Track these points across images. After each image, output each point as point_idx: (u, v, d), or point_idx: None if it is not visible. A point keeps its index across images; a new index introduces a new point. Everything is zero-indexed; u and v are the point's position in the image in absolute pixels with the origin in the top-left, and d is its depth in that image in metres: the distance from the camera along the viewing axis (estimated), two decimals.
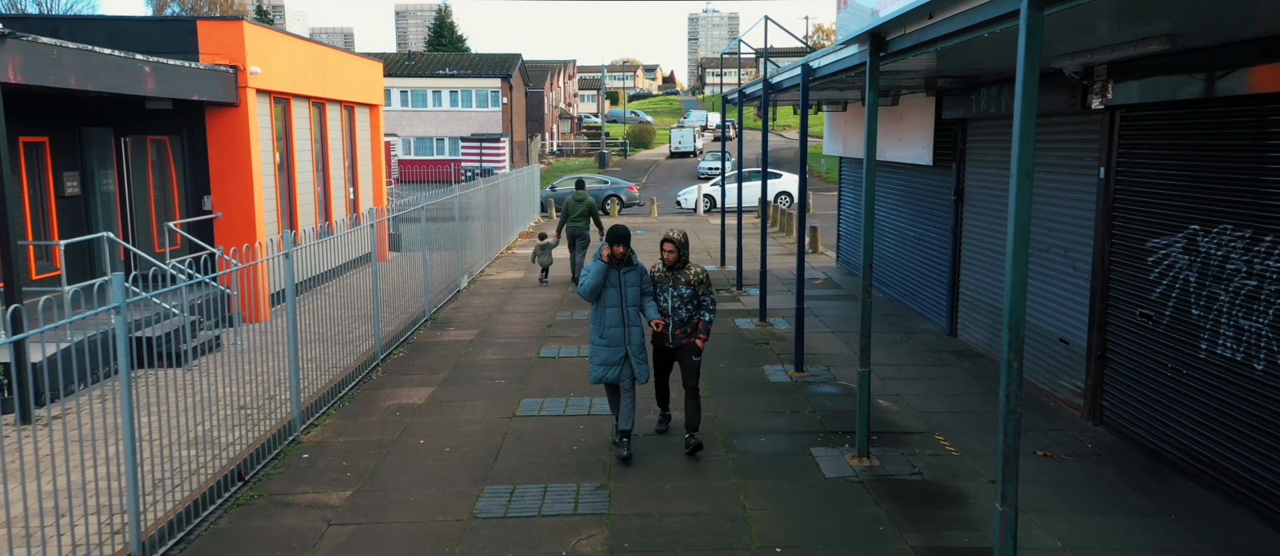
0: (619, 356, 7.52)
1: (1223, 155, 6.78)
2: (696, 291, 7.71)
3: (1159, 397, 7.57)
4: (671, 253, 7.67)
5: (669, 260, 7.69)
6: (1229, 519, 6.42)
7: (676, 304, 7.69)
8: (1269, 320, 6.31)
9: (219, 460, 7.51)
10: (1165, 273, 7.50)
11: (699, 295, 7.72)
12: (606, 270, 7.45)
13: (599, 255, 7.48)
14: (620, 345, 7.52)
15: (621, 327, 7.52)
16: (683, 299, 7.67)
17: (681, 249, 7.69)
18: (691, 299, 7.70)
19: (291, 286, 8.49)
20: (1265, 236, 6.33)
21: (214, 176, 13.55)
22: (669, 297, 7.69)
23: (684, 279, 7.70)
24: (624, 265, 7.54)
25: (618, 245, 7.43)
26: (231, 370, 9.89)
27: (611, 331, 7.52)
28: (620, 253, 7.43)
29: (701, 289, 7.72)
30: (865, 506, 6.74)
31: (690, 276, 7.71)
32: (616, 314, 7.51)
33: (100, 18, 14.81)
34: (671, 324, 7.70)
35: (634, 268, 7.60)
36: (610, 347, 7.53)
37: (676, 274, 7.71)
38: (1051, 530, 6.28)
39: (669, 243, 7.68)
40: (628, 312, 7.54)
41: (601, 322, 7.54)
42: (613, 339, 7.53)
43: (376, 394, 9.95)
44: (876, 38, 7.14)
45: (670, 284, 7.70)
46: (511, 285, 17.20)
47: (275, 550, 6.15)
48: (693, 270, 7.73)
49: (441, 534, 6.37)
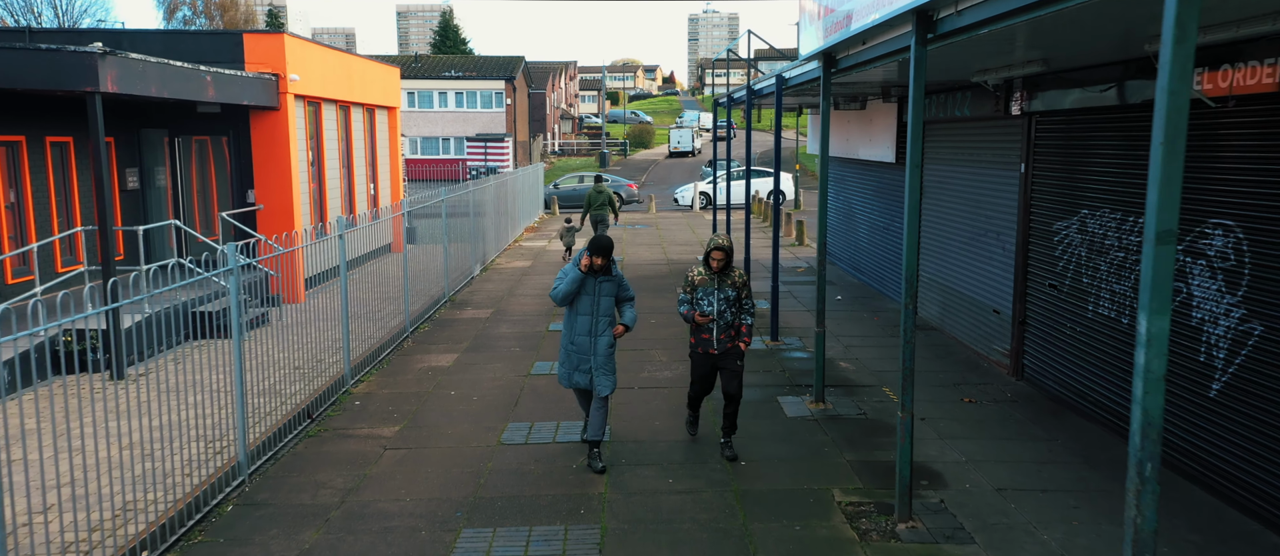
0: (586, 364, 7.46)
1: (1102, 152, 8.41)
2: (741, 294, 7.66)
3: (1061, 353, 9.21)
4: (720, 260, 7.57)
5: (717, 265, 7.58)
6: (1101, 441, 8.05)
7: (722, 306, 7.62)
8: (1131, 283, 7.96)
9: (285, 406, 9.14)
10: (1066, 250, 9.14)
11: (742, 299, 7.69)
12: (583, 278, 7.35)
13: (577, 262, 7.39)
14: (588, 353, 7.46)
15: (589, 337, 7.44)
16: (728, 301, 7.62)
17: (729, 254, 7.61)
18: (736, 302, 7.65)
19: (344, 262, 10.14)
20: (1130, 217, 7.97)
21: (257, 172, 15.19)
22: (714, 300, 7.62)
23: (729, 282, 7.65)
24: (602, 274, 7.45)
25: (598, 256, 7.33)
26: (282, 340, 11.51)
27: (581, 339, 7.45)
28: (600, 264, 7.33)
29: (745, 292, 7.69)
30: (815, 435, 8.38)
31: (735, 279, 7.66)
32: (587, 322, 7.43)
33: (159, 32, 16.45)
34: (717, 327, 7.62)
35: (612, 278, 7.49)
36: (579, 355, 7.47)
37: (723, 278, 7.65)
38: (961, 450, 7.91)
39: (718, 250, 7.55)
40: (598, 322, 7.45)
41: (572, 330, 7.47)
42: (582, 347, 7.46)
43: (409, 359, 11.58)
44: (828, 56, 8.77)
45: (716, 288, 7.63)
46: (520, 272, 18.83)
47: (345, 465, 7.79)
48: (737, 273, 7.69)
49: (476, 454, 8.01)
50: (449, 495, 7.08)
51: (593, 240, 7.35)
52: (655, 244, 23.38)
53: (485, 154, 49.73)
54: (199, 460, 7.54)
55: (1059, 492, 6.95)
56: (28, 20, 55.43)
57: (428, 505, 6.90)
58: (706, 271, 7.65)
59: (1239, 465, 6.56)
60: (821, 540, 6.22)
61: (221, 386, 9.52)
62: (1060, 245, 9.27)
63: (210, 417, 8.62)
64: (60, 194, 12.97)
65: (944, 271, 12.72)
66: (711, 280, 7.63)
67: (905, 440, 6.35)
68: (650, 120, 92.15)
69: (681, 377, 10.30)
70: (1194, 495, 6.90)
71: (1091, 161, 8.62)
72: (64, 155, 13.00)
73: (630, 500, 6.92)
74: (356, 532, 6.43)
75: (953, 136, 12.36)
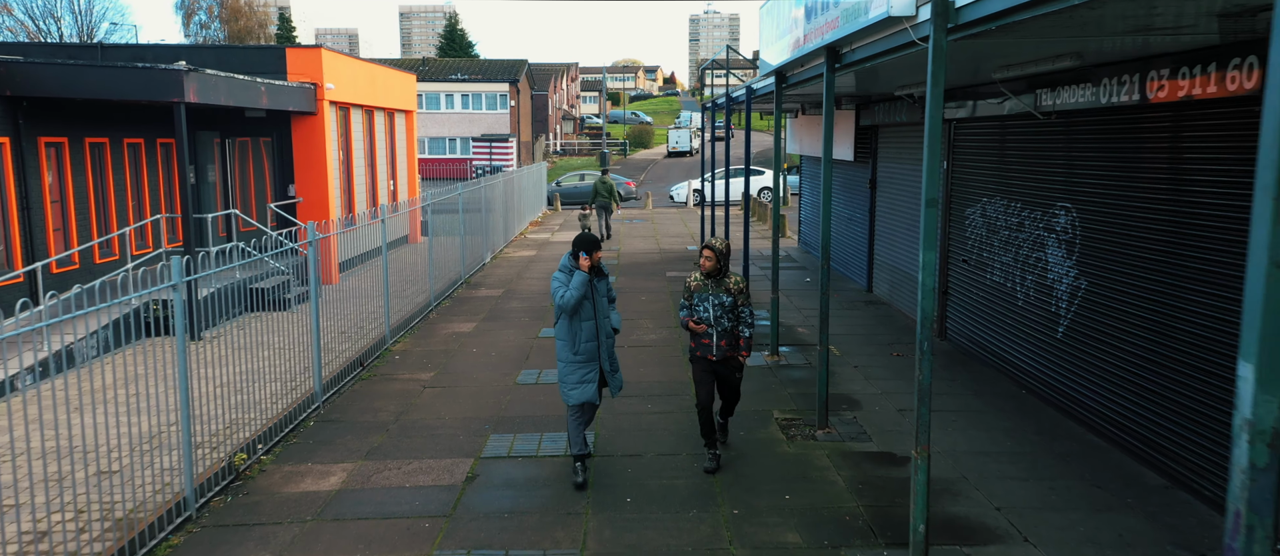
0: (594, 371, 7.24)
1: (991, 152, 10.53)
2: (737, 300, 7.42)
3: (971, 315, 11.33)
4: (710, 260, 7.34)
5: (707, 267, 7.37)
6: (992, 380, 10.16)
7: (718, 313, 7.35)
8: (1011, 256, 10.08)
9: (337, 360, 11.25)
10: (972, 231, 11.26)
11: (738, 306, 7.45)
12: (589, 279, 7.15)
13: (566, 266, 7.21)
14: (595, 359, 7.24)
15: (596, 341, 7.24)
16: (724, 308, 7.36)
17: (721, 256, 7.36)
18: (732, 309, 7.41)
19: (385, 242, 12.27)
20: (1014, 203, 10.09)
21: (297, 169, 17.32)
22: (709, 306, 7.35)
23: (723, 287, 7.41)
24: (598, 274, 7.29)
25: (595, 251, 7.18)
26: (327, 312, 13.66)
27: (587, 346, 7.19)
28: (598, 259, 7.24)
29: (741, 299, 7.45)
30: (767, 377, 10.50)
31: (730, 284, 7.43)
32: (592, 327, 7.21)
33: (212, 47, 18.55)
34: (716, 333, 7.36)
35: (604, 276, 7.36)
36: (587, 364, 7.21)
37: (717, 282, 7.42)
38: (880, 387, 10.03)
39: (708, 250, 7.35)
40: (602, 324, 7.27)
41: (576, 338, 7.18)
42: (589, 353, 7.21)
43: (435, 327, 13.71)
44: (780, 75, 10.90)
45: (710, 293, 7.39)
46: (527, 260, 20.96)
47: (394, 398, 9.92)
48: (733, 278, 7.46)
49: (496, 390, 10.14)
50: (477, 415, 9.22)
51: (578, 238, 7.17)
52: (650, 236, 25.51)
53: (490, 153, 51.83)
54: (279, 394, 9.66)
55: (947, 412, 9.06)
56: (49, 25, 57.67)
57: (462, 421, 9.03)
58: (701, 277, 7.49)
59: (1074, 387, 8.68)
60: (760, 439, 8.35)
61: (284, 344, 11.65)
62: (969, 227, 11.39)
63: (281, 366, 10.74)
64: (134, 186, 15.09)
65: (892, 254, 14.83)
66: (705, 285, 7.44)
67: (823, 368, 8.47)
68: (650, 121, 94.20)
69: (666, 341, 12.42)
70: (1044, 413, 9.02)
71: (986, 160, 10.75)
72: (136, 154, 15.12)
73: (618, 418, 9.04)
74: (411, 436, 8.57)
75: (897, 139, 14.47)
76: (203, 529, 6.63)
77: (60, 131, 12.98)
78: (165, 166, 15.94)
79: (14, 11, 58.33)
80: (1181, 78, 6.62)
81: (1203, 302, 6.76)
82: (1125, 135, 7.80)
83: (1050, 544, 6.15)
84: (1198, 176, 6.82)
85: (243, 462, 7.69)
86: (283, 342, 11.66)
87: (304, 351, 10.85)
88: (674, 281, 17.47)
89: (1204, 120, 6.71)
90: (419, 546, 6.25)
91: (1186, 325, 6.96)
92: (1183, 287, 7.01)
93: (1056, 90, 8.53)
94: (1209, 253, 6.68)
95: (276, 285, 14.65)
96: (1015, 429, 8.49)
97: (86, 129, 13.55)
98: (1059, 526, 6.41)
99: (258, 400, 9.47)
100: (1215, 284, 6.61)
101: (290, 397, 9.72)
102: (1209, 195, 6.69)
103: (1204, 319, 6.75)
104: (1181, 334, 7.02)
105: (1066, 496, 6.94)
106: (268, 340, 12.12)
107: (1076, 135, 8.62)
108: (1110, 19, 5.22)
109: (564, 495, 7.12)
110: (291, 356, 11.10)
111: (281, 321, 13.36)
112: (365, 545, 6.29)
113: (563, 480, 7.42)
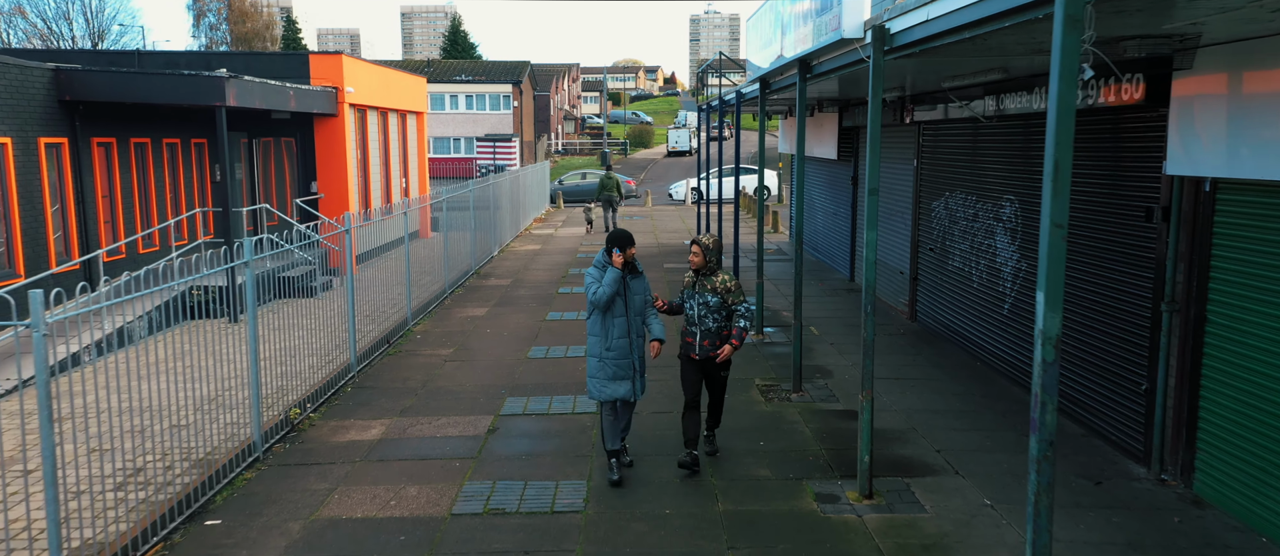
0: (628, 368, 7.16)
1: (951, 151, 11.77)
2: (725, 300, 7.21)
3: (937, 298, 12.58)
4: (697, 256, 7.25)
5: (694, 264, 7.27)
6: (954, 356, 11.41)
7: (702, 312, 7.22)
8: (968, 244, 11.34)
9: (364, 339, 12.49)
10: (936, 222, 12.51)
11: (728, 304, 7.23)
12: (621, 276, 7.05)
13: (600, 262, 7.15)
14: (628, 355, 7.16)
15: (628, 338, 7.14)
16: (709, 307, 7.19)
17: (708, 253, 7.22)
18: (720, 308, 7.21)
19: (407, 232, 13.52)
20: (970, 197, 11.34)
21: (319, 167, 18.58)
22: (695, 305, 7.25)
23: (710, 286, 7.23)
24: (631, 272, 7.19)
25: (629, 248, 7.08)
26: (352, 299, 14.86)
27: (619, 342, 7.11)
28: (632, 255, 7.11)
29: (731, 297, 7.23)
30: (751, 352, 11.74)
31: (717, 283, 7.24)
32: (624, 324, 7.12)
33: (242, 54, 19.81)
34: (699, 333, 7.24)
35: (639, 275, 7.25)
36: (619, 361, 7.14)
37: (703, 280, 7.28)
38: (852, 360, 11.27)
39: (696, 246, 7.26)
40: (634, 321, 7.18)
41: (608, 335, 7.12)
42: (621, 350, 7.13)
43: (450, 312, 14.96)
44: (764, 82, 12.14)
45: (697, 291, 7.28)
46: (532, 253, 22.22)
47: (420, 369, 11.16)
48: (721, 277, 7.26)
49: (509, 363, 11.38)
50: (494, 382, 10.47)
51: (612, 235, 7.10)
52: (649, 231, 26.77)
53: (494, 153, 53.09)
54: (316, 366, 10.90)
55: (908, 380, 10.31)
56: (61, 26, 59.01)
57: (480, 387, 10.28)
58: (691, 273, 7.42)
59: (1017, 356, 9.92)
60: (741, 400, 9.59)
61: (316, 325, 12.90)
62: (934, 219, 12.64)
63: (316, 343, 12.00)
64: (172, 183, 16.35)
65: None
66: (694, 282, 7.34)
67: (796, 341, 9.72)
68: (650, 121, 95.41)
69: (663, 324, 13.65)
70: (993, 380, 10.26)
71: (950, 158, 12.00)
72: (174, 153, 16.37)
73: None
74: (437, 399, 9.82)
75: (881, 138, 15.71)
76: (269, 467, 7.88)
77: (110, 132, 14.24)
78: (197, 164, 17.20)
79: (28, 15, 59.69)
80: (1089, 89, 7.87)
81: (1110, 279, 8.00)
82: None
83: (976, 475, 7.40)
84: (1096, 171, 8.07)
85: (297, 416, 8.95)
86: (315, 323, 12.93)
87: (336, 329, 12.10)
88: (670, 271, 18.73)
89: (1105, 124, 7.96)
90: (453, 479, 7.51)
91: (1095, 299, 8.20)
92: (1092, 267, 8.25)
93: (1001, 97, 9.78)
94: (1120, 240, 7.93)
95: (303, 273, 15.90)
96: (965, 392, 9.75)
97: (131, 130, 14.80)
98: (986, 463, 7.66)
99: (299, 370, 10.71)
100: (1125, 263, 7.86)
101: (327, 369, 10.97)
102: (1100, 186, 7.93)
103: (1110, 293, 7.99)
104: (1091, 306, 8.27)
105: (998, 442, 8.19)
106: (301, 321, 13.39)
107: (1017, 136, 9.87)
108: (1011, 45, 6.47)
109: (573, 443, 8.36)
110: (325, 334, 12.35)
111: (311, 305, 14.62)
112: (408, 478, 7.54)
113: (572, 433, 8.67)
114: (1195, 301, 6.82)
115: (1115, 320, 7.94)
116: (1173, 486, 7.07)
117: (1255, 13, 4.89)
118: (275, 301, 12.57)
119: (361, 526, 6.66)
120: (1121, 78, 7.18)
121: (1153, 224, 7.29)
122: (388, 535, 6.50)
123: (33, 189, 12.56)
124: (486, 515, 6.82)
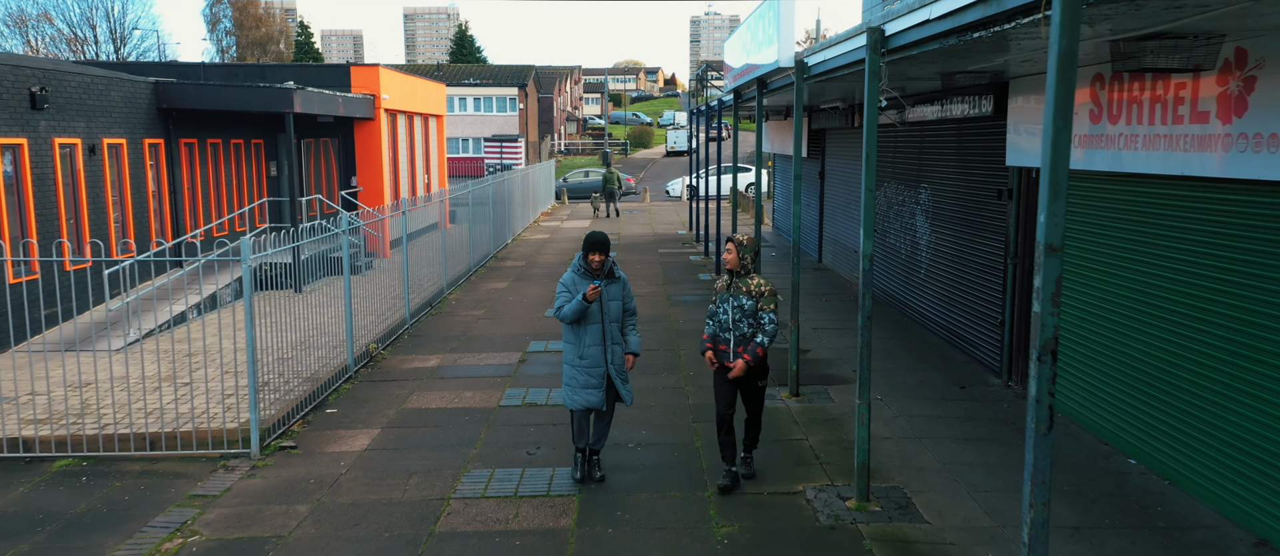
0: (600, 377, 6.96)
1: (883, 151, 14.56)
2: (758, 304, 6.84)
3: (884, 272, 15.37)
4: (731, 255, 6.89)
5: (730, 263, 6.90)
6: (884, 314, 14.18)
7: (737, 315, 6.87)
8: (899, 224, 14.13)
9: (407, 305, 15.25)
10: (879, 208, 15.30)
11: (760, 310, 6.85)
12: (586, 304, 6.82)
13: (578, 266, 6.97)
14: (601, 364, 6.95)
15: (602, 346, 6.94)
16: (744, 311, 6.85)
17: (744, 251, 6.88)
18: (753, 313, 6.85)
19: (442, 217, 16.32)
20: (900, 186, 14.13)
21: (358, 165, 21.36)
22: (729, 309, 6.89)
23: (746, 289, 6.88)
24: (605, 277, 6.95)
25: (596, 253, 6.87)
26: (390, 275, 17.67)
27: (591, 350, 6.93)
28: (598, 261, 6.86)
29: (763, 302, 6.85)
30: None
31: (752, 286, 6.88)
32: (597, 331, 6.93)
33: (292, 65, 22.58)
34: (733, 339, 6.88)
35: (616, 279, 7.05)
36: (590, 369, 6.95)
37: (738, 282, 6.90)
38: (810, 324, 14.05)
39: (731, 244, 6.92)
40: (609, 329, 6.96)
41: (579, 342, 6.97)
42: (593, 359, 6.94)
43: (477, 285, 17.76)
44: (737, 93, 14.94)
45: (730, 294, 6.91)
46: (541, 241, 25.01)
47: (459, 324, 13.95)
48: (756, 281, 6.91)
49: (531, 320, 14.18)
50: (520, 331, 13.26)
51: (589, 238, 6.96)
52: (646, 224, 29.60)
53: (501, 153, 55.85)
54: (372, 323, 13.67)
55: (845, 330, 13.06)
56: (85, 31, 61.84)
57: (509, 335, 13.06)
58: (726, 276, 7.03)
59: (927, 307, 12.71)
60: None
61: (367, 293, 15.68)
62: (877, 204, 15.44)
63: (370, 306, 14.78)
64: (238, 177, 19.13)
65: (836, 230, 18.87)
66: (728, 285, 6.98)
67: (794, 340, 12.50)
68: (650, 121, 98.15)
69: (652, 294, 16.42)
70: (911, 330, 13.03)
71: (883, 155, 14.80)
72: (238, 152, 19.16)
73: None
74: (477, 342, 12.62)
75: (838, 140, 18.51)
76: (359, 383, 10.68)
77: (192, 134, 17.03)
78: (255, 161, 20.00)
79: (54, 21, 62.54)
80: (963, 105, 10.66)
81: (979, 242, 10.78)
82: (946, 137, 11.84)
83: (878, 385, 10.18)
84: (970, 163, 10.85)
85: (375, 349, 11.75)
86: (374, 289, 15.75)
87: (394, 292, 14.86)
88: (664, 256, 21.50)
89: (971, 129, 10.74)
90: (498, 387, 10.30)
91: (971, 257, 10.98)
92: (968, 233, 11.03)
93: (917, 107, 12.56)
94: (984, 214, 10.71)
95: (353, 254, 18.67)
96: (887, 336, 12.53)
97: (207, 132, 17.60)
98: (887, 377, 10.45)
99: (361, 326, 13.49)
100: (987, 230, 10.64)
101: (383, 325, 13.75)
102: (972, 174, 10.71)
103: (979, 253, 10.77)
104: (968, 263, 11.05)
105: (901, 363, 10.98)
106: (361, 290, 16.14)
107: (928, 137, 12.66)
108: (899, 77, 9.25)
109: None
110: (377, 300, 15.12)
111: (359, 281, 17.41)
112: (464, 387, 10.33)
113: None
114: (1028, 256, 9.60)
115: (983, 272, 10.73)
116: (1013, 388, 9.87)
117: (1029, 54, 7.65)
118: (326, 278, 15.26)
119: (437, 413, 9.45)
120: (980, 97, 9.97)
121: (1001, 201, 10.08)
122: (457, 416, 9.30)
123: (140, 181, 15.35)
124: (524, 407, 9.62)
